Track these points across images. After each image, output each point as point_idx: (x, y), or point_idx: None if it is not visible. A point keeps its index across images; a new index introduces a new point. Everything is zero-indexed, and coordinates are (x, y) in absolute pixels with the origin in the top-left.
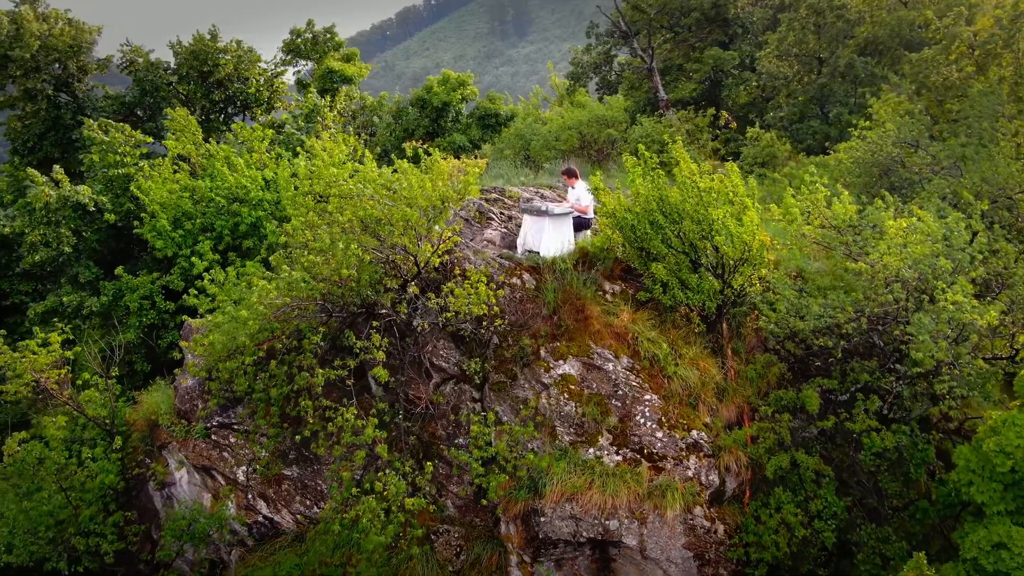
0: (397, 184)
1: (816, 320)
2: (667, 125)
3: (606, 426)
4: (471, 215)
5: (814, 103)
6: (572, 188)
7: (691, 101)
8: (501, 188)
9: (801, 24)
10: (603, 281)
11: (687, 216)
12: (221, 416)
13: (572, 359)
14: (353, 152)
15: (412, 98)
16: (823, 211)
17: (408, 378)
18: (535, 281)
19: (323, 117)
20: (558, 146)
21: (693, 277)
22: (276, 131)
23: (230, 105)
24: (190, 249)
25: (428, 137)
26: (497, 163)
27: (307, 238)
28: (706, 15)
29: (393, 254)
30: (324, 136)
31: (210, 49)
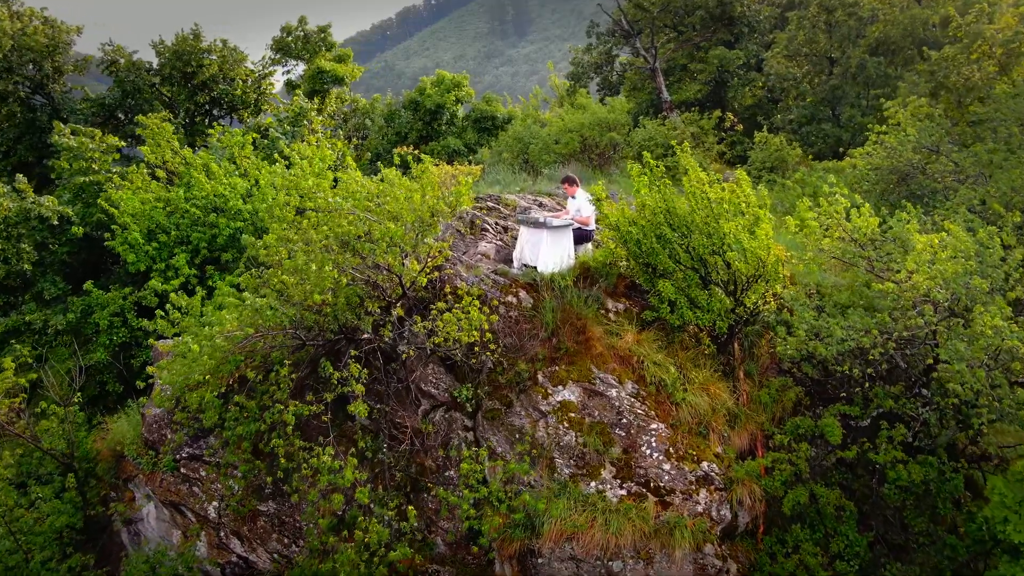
0: (381, 196)
1: (839, 344)
2: (671, 128)
3: (609, 458)
4: (464, 227)
5: (825, 105)
6: (572, 198)
7: (695, 103)
8: (497, 196)
9: (811, 23)
10: (606, 299)
11: (696, 229)
12: (191, 447)
13: (572, 384)
14: (341, 158)
15: (405, 100)
16: (843, 224)
17: (394, 406)
18: (532, 299)
19: (310, 121)
20: (558, 150)
21: (703, 295)
22: (260, 135)
23: (216, 107)
24: (164, 263)
25: (422, 141)
26: (494, 168)
27: (282, 256)
28: (711, 13)
29: (375, 274)
30: (311, 140)
31: (193, 49)
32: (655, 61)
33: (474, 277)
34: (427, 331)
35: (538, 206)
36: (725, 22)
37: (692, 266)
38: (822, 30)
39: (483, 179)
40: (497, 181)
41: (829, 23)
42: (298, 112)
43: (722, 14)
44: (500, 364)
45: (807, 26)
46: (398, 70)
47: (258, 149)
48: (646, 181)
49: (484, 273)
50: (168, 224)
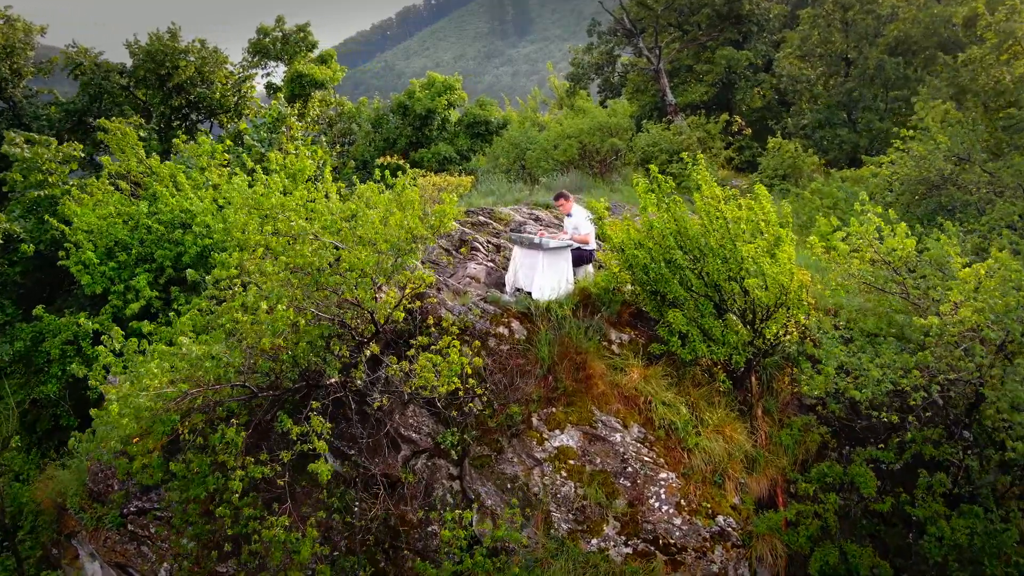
0: (353, 220)
1: (875, 387)
2: (676, 132)
3: (613, 511)
4: (451, 245)
5: (839, 109)
6: (569, 216)
7: (701, 105)
8: (489, 209)
9: (826, 21)
10: (609, 329)
11: (711, 252)
12: (140, 500)
13: (571, 428)
14: (322, 167)
15: (393, 104)
16: (875, 245)
17: (369, 452)
18: (526, 331)
19: (289, 127)
20: (556, 156)
21: (717, 325)
22: (235, 143)
23: (194, 111)
24: (124, 284)
25: (411, 147)
26: (487, 177)
27: (235, 288)
28: (718, 11)
29: (344, 311)
30: (289, 148)
31: (169, 50)
32: (659, 62)
33: (461, 306)
34: (404, 373)
35: (534, 220)
36: (733, 20)
37: (706, 293)
38: (837, 29)
39: (475, 189)
40: (491, 191)
41: (845, 21)
42: (276, 118)
43: (729, 12)
44: (489, 406)
45: (822, 25)
46: (398, 70)
47: (236, 157)
48: (653, 199)
49: (472, 301)
50: (130, 241)
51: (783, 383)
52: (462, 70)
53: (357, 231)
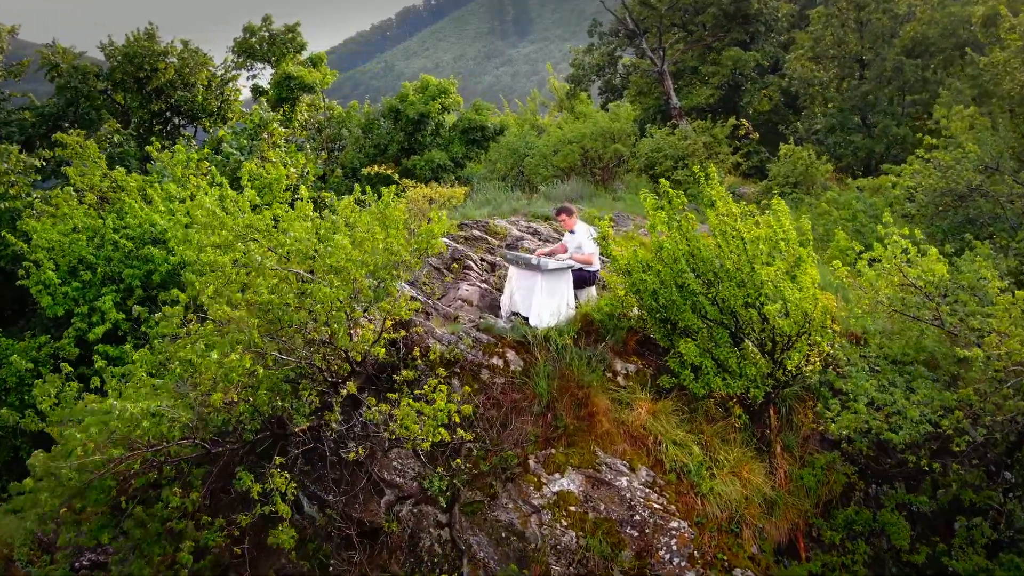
0: (324, 247)
1: (913, 428)
2: (681, 137)
3: (619, 565)
4: (442, 264)
5: (854, 113)
6: (571, 232)
7: (706, 108)
8: (484, 222)
9: (840, 21)
10: (613, 359)
11: (727, 276)
12: (93, 552)
13: (572, 472)
14: (305, 175)
15: (384, 108)
16: (904, 269)
17: (348, 499)
18: (523, 362)
19: (271, 133)
20: (556, 162)
21: (734, 356)
22: (214, 151)
23: (177, 116)
24: (88, 305)
25: (403, 154)
26: (483, 185)
27: (190, 326)
28: (724, 11)
29: (312, 352)
30: (271, 157)
31: (147, 51)
32: (663, 63)
33: (450, 335)
34: (385, 417)
35: (532, 234)
36: (740, 20)
37: (721, 321)
38: (851, 29)
39: (470, 199)
40: (486, 201)
41: (860, 21)
42: (257, 124)
43: (736, 12)
44: (482, 447)
45: (835, 25)
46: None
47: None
48: (663, 217)
49: (463, 329)
50: (95, 259)
51: (804, 416)
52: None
53: (327, 259)
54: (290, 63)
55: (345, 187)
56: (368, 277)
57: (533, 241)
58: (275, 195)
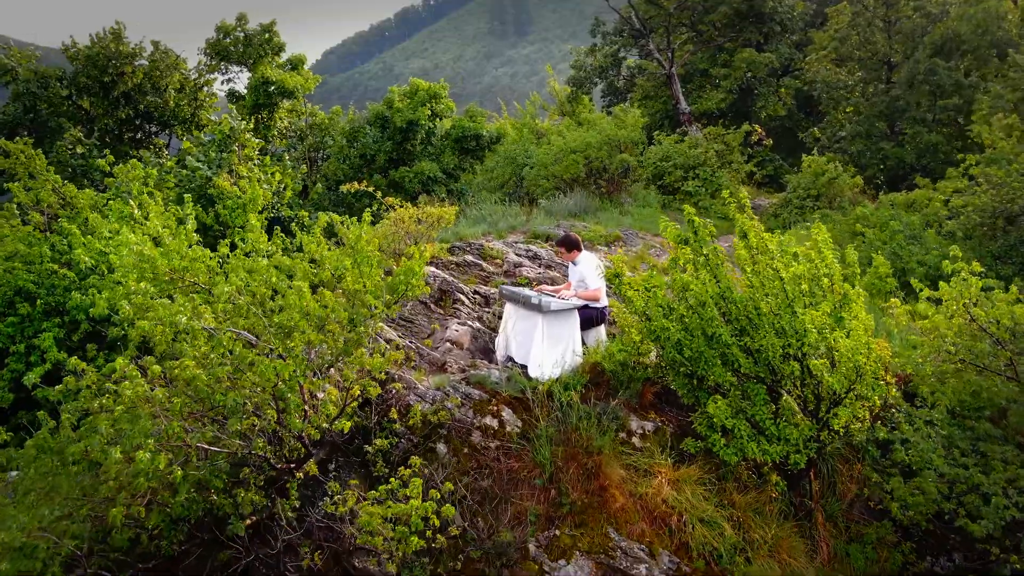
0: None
1: (998, 514)
2: (691, 144)
3: None
4: (430, 297)
5: (881, 119)
6: (573, 264)
7: (717, 113)
8: (479, 244)
9: (867, 19)
10: (628, 416)
11: (764, 322)
12: None
13: (581, 558)
14: (281, 192)
15: (370, 115)
16: (971, 310)
17: None
18: (521, 423)
19: (243, 144)
20: (557, 171)
21: (771, 416)
22: (179, 164)
23: (148, 122)
24: (26, 343)
25: (391, 165)
26: (479, 198)
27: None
28: (737, 10)
29: (253, 437)
30: (242, 171)
31: (112, 54)
32: (671, 65)
33: (435, 391)
34: (349, 513)
35: (531, 259)
36: (753, 19)
37: (756, 375)
38: (879, 28)
39: (463, 215)
40: (481, 217)
41: (888, 20)
42: (227, 134)
43: (750, 10)
44: (472, 525)
45: (862, 24)
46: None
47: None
48: (688, 252)
49: (451, 383)
50: (35, 289)
51: (848, 478)
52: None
53: (274, 318)
54: (267, 66)
55: (328, 201)
56: (333, 338)
57: (532, 268)
58: (248, 218)
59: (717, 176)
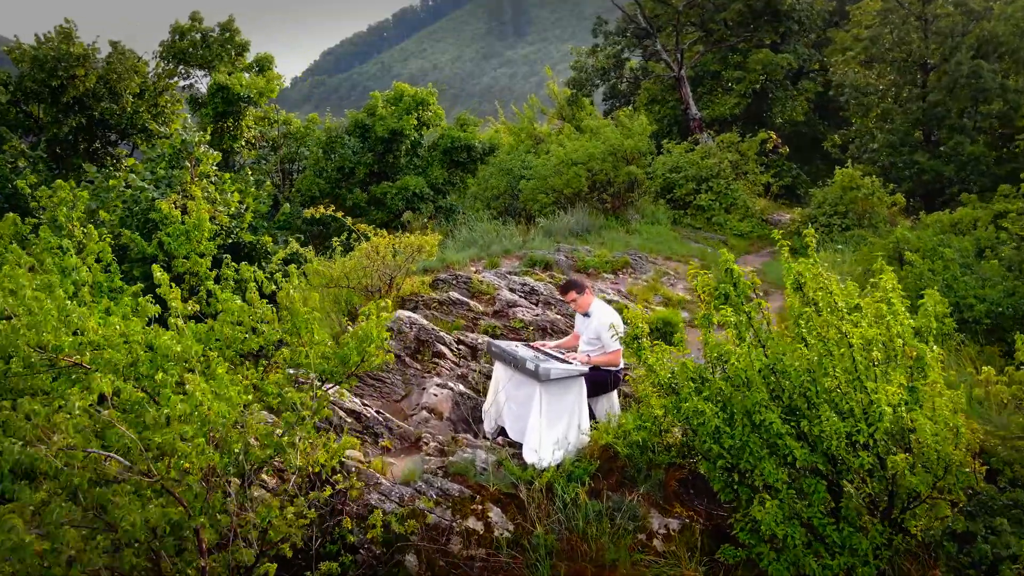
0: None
1: None
2: (703, 154)
3: None
4: (405, 347)
5: (916, 127)
6: (584, 315)
7: (730, 119)
8: (466, 277)
9: (901, 17)
10: (648, 512)
11: (824, 401)
12: None
13: None
14: (240, 215)
15: (349, 124)
16: None
17: None
18: (512, 526)
19: (197, 160)
20: (557, 184)
21: (832, 522)
22: (125, 185)
23: (107, 131)
24: None
25: (372, 179)
26: (470, 216)
27: None
28: (751, 7)
29: None
30: (194, 192)
31: (61, 55)
32: (681, 68)
33: (403, 487)
34: None
35: (527, 295)
36: (768, 17)
37: (815, 466)
38: (914, 27)
39: (451, 236)
40: (472, 240)
41: (924, 18)
42: (177, 148)
43: (765, 7)
44: None
45: (896, 22)
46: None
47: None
48: (730, 314)
49: (423, 478)
50: None
51: None
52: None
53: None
54: (227, 68)
55: (303, 221)
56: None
57: (528, 309)
58: (194, 247)
59: (732, 189)
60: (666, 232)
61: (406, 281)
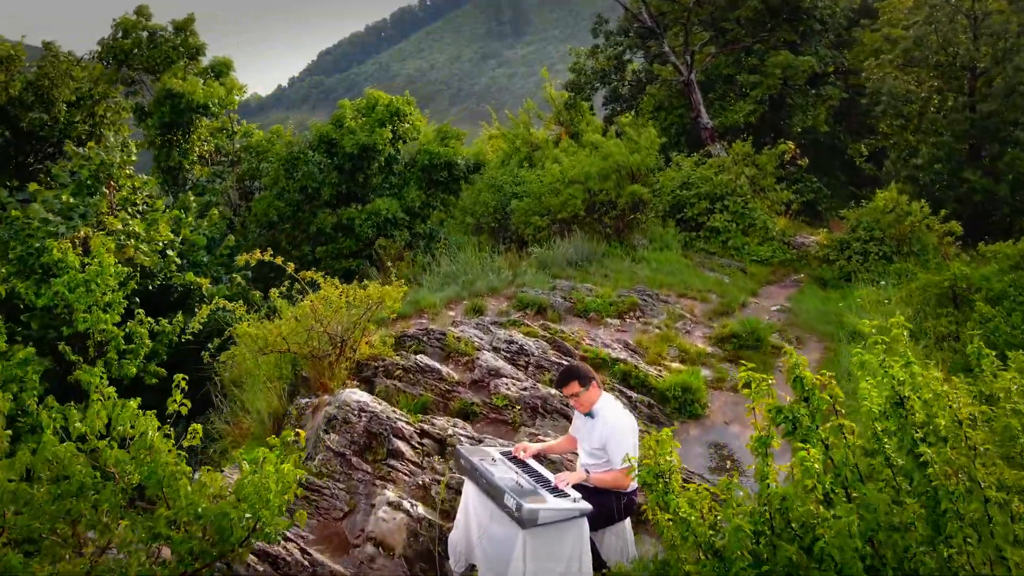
0: None
1: None
2: (715, 168)
3: None
4: (350, 444)
5: (962, 141)
6: (588, 416)
7: (745, 128)
8: (440, 332)
9: (948, 15)
10: None
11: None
12: None
13: None
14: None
15: (312, 137)
16: None
17: None
18: None
19: (117, 185)
20: (553, 206)
21: None
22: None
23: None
24: None
25: (340, 201)
26: (452, 241)
27: None
28: (768, 5)
29: None
30: (113, 225)
31: None
32: (691, 71)
33: None
34: None
35: (515, 356)
36: (787, 15)
37: None
38: (962, 27)
39: (428, 270)
40: (451, 276)
41: (974, 15)
42: (93, 172)
43: (784, 4)
44: None
45: (942, 21)
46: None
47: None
48: (811, 459)
49: None
50: None
51: None
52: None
53: None
54: (178, 73)
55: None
56: None
57: (515, 381)
58: (96, 300)
59: (750, 208)
60: (677, 259)
61: (364, 340)
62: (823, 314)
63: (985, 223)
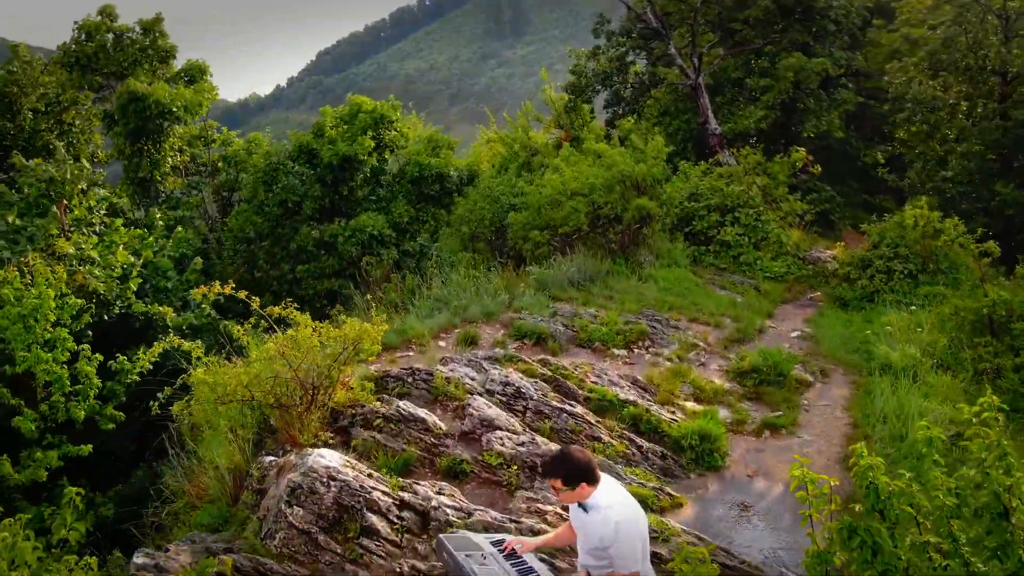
0: None
1: None
2: (724, 176)
3: None
4: (317, 518)
5: (991, 150)
6: (581, 509)
7: (755, 134)
8: (427, 372)
9: (978, 16)
10: None
11: None
12: None
13: None
14: (124, 282)
15: (292, 147)
16: None
17: None
18: None
19: (69, 205)
20: (554, 219)
21: None
22: None
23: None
24: None
25: (322, 216)
26: (443, 262)
27: None
28: (780, 4)
29: None
30: (64, 247)
31: None
32: (698, 74)
33: None
34: None
35: (509, 402)
36: (800, 16)
37: None
38: (992, 28)
39: (418, 293)
40: (443, 299)
41: (1006, 15)
42: (42, 190)
43: (796, 4)
44: None
45: (972, 22)
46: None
47: None
48: None
49: None
50: None
51: None
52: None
53: None
54: (138, 80)
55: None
56: None
57: (509, 434)
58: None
59: (763, 220)
60: (686, 277)
61: (340, 382)
62: (847, 340)
63: (1017, 239)
